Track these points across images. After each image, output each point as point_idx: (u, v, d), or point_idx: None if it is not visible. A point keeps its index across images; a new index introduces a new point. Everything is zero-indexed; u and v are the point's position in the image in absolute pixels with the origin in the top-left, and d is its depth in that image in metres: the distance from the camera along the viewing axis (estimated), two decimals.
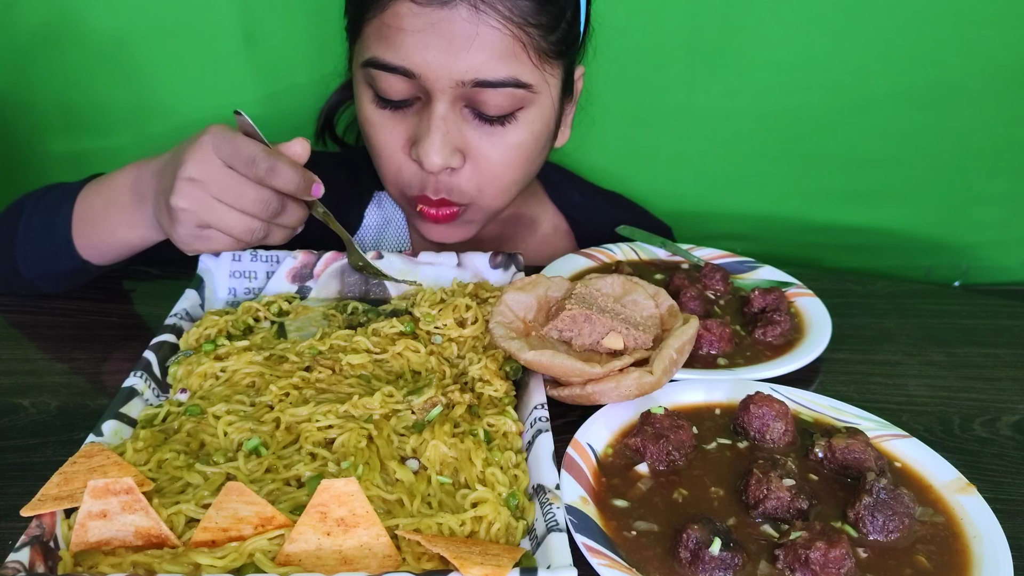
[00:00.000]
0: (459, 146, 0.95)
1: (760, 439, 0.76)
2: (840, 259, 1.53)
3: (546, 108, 0.98)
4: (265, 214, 0.82)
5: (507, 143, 0.96)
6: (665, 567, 0.62)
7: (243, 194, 0.80)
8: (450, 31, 0.88)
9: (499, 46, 0.89)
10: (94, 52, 1.31)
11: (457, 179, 0.97)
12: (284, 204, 0.83)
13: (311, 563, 0.57)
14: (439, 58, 0.89)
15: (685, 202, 1.36)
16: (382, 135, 0.97)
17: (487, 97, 0.92)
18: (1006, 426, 0.84)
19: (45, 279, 0.96)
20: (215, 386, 0.78)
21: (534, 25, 0.90)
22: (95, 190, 0.92)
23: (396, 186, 1.01)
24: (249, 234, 0.82)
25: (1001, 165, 1.46)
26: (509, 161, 0.98)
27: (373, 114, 0.97)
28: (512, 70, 0.91)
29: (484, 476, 0.68)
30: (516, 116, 0.95)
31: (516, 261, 0.99)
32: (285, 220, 0.84)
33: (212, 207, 0.80)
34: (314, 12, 1.32)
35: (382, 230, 1.18)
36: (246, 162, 0.79)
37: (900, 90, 1.38)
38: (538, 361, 0.76)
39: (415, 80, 0.91)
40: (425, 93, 0.92)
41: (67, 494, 0.59)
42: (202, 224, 0.81)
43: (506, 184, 1.01)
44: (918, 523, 0.67)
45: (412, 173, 0.98)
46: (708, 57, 1.35)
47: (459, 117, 0.94)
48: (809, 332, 0.94)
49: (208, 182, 0.80)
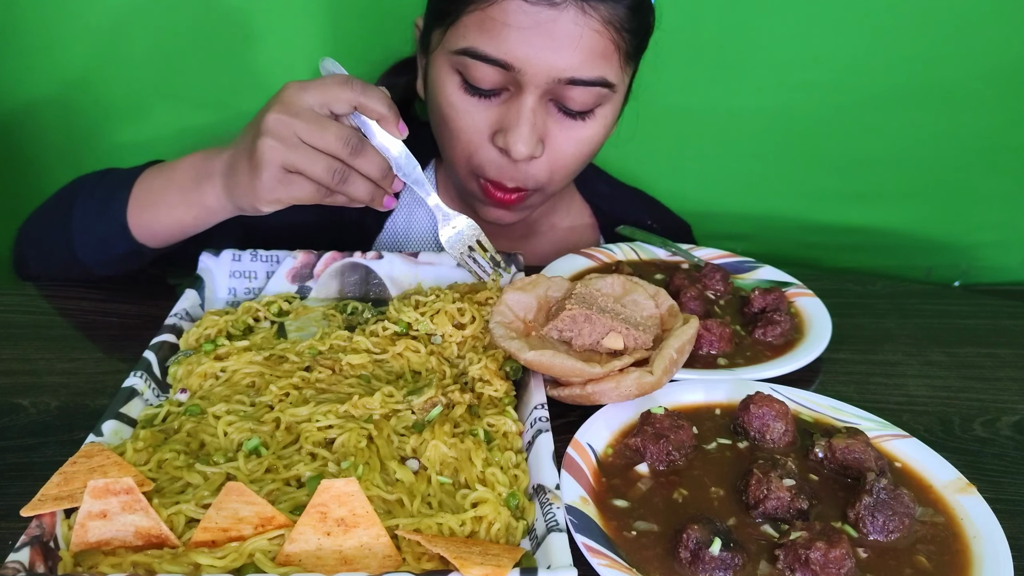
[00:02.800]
0: (542, 136, 0.98)
1: (760, 439, 0.76)
2: (840, 259, 1.53)
3: (618, 105, 1.03)
4: (345, 152, 0.82)
5: (582, 136, 1.00)
6: (665, 567, 0.62)
7: (325, 129, 0.81)
8: (555, 31, 0.91)
9: (598, 48, 0.93)
10: (94, 52, 1.31)
11: (533, 167, 1.01)
12: (364, 145, 0.84)
13: (311, 563, 0.57)
14: (540, 55, 0.92)
15: (685, 202, 1.36)
16: (465, 119, 0.99)
17: (575, 94, 0.95)
18: (1006, 426, 0.84)
19: (101, 264, 0.97)
20: (215, 386, 0.78)
21: (628, 30, 0.95)
22: (155, 173, 0.94)
23: (467, 167, 1.04)
24: (330, 175, 0.82)
25: (1001, 165, 1.46)
26: (580, 153, 1.02)
27: (460, 100, 0.99)
28: (603, 71, 0.95)
29: (484, 476, 0.68)
30: (595, 112, 0.99)
31: (516, 261, 0.99)
32: (364, 166, 0.84)
33: (297, 146, 0.81)
34: (314, 12, 1.32)
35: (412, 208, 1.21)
36: (334, 98, 0.82)
37: (900, 90, 1.38)
38: (538, 361, 0.76)
39: (510, 73, 0.94)
40: (516, 85, 0.95)
41: (67, 494, 0.59)
42: (287, 165, 0.82)
43: (571, 172, 1.06)
44: (918, 523, 0.67)
45: (490, 159, 1.01)
46: (708, 57, 1.35)
47: (544, 110, 0.97)
48: (809, 332, 0.94)
49: (293, 121, 0.81)
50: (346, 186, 0.84)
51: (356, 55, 1.36)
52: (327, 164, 0.82)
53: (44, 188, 1.09)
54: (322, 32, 1.34)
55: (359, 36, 1.34)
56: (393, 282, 0.99)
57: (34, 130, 1.37)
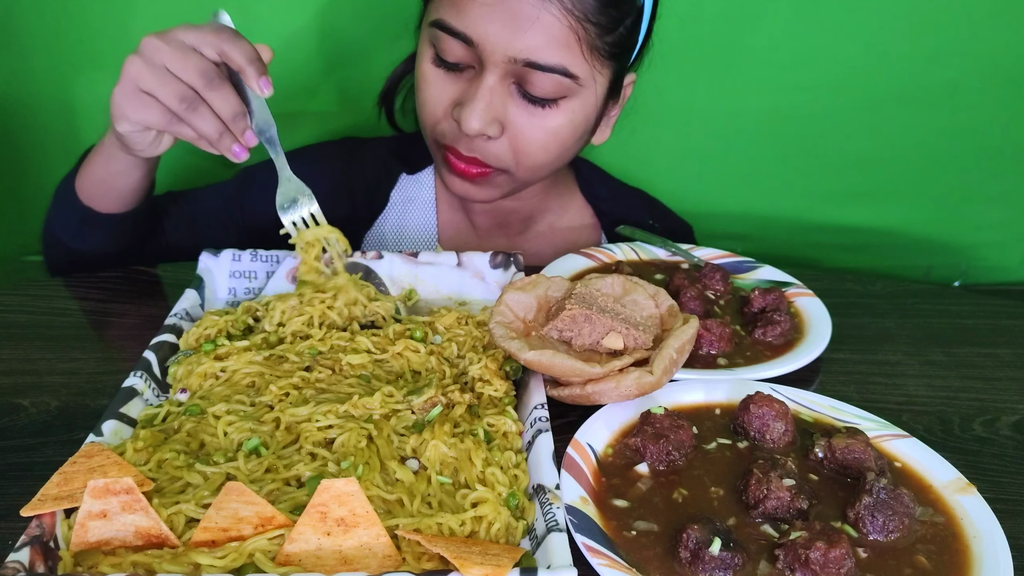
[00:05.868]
0: (499, 117, 0.99)
1: (760, 439, 0.76)
2: (840, 259, 1.53)
3: (588, 102, 1.02)
4: (201, 83, 0.83)
5: (545, 125, 1.01)
6: (665, 567, 0.62)
7: (187, 57, 0.83)
8: (515, 10, 0.93)
9: (556, 34, 0.94)
10: (94, 52, 1.31)
11: (493, 147, 1.02)
12: (223, 83, 0.85)
13: (311, 563, 0.57)
14: (499, 33, 0.94)
15: (685, 202, 1.36)
16: (431, 89, 1.03)
17: (535, 79, 0.97)
18: (1006, 426, 0.84)
19: (70, 236, 1.04)
20: (215, 386, 0.78)
21: (592, 23, 0.95)
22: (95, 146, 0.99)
23: (432, 136, 1.07)
24: (179, 100, 0.83)
25: (1001, 165, 1.46)
26: (544, 142, 1.03)
27: (429, 71, 1.02)
28: (563, 59, 0.96)
29: (484, 476, 0.68)
30: (559, 103, 1.00)
31: (516, 261, 0.99)
32: (217, 101, 0.85)
33: (156, 68, 0.83)
34: (314, 12, 1.32)
35: (405, 207, 1.23)
36: (203, 40, 0.83)
37: (900, 90, 1.38)
38: (538, 361, 0.76)
39: (473, 49, 0.96)
40: (479, 63, 0.97)
41: (67, 494, 0.59)
42: (142, 84, 0.84)
43: (538, 163, 1.06)
44: (918, 523, 0.67)
45: (449, 127, 1.03)
46: (708, 57, 1.35)
47: (505, 91, 0.99)
48: (809, 332, 0.94)
49: (161, 46, 0.83)
50: (194, 115, 0.84)
51: (356, 55, 1.36)
52: (179, 90, 0.83)
53: (44, 188, 1.09)
54: (323, 33, 1.34)
55: (345, 40, 1.34)
56: (393, 282, 0.99)
57: (34, 130, 1.38)
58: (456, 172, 1.06)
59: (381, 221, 1.22)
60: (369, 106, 1.24)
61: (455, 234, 1.24)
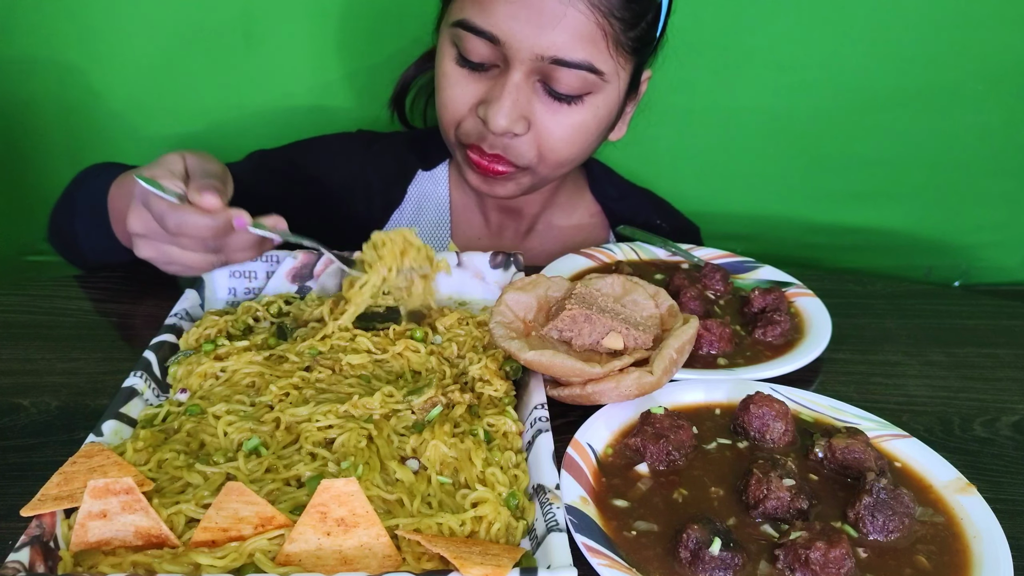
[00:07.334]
0: (525, 114, 1.00)
1: (760, 439, 0.76)
2: (840, 259, 1.54)
3: (612, 98, 1.03)
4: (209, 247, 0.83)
5: (570, 122, 1.02)
6: (665, 567, 0.62)
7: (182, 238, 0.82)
8: (541, 7, 0.93)
9: (582, 30, 0.95)
10: (94, 52, 1.31)
11: (517, 144, 1.02)
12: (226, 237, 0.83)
13: (311, 563, 0.57)
14: (525, 30, 0.94)
15: (685, 202, 1.36)
16: (454, 89, 1.02)
17: (561, 75, 0.97)
18: (1006, 426, 0.84)
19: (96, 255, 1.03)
20: (215, 386, 0.78)
21: (617, 18, 0.96)
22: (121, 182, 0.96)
23: (454, 136, 1.07)
24: (208, 264, 0.85)
25: (1001, 165, 1.46)
26: (568, 138, 1.03)
27: (452, 71, 1.02)
28: (589, 55, 0.96)
29: (484, 476, 0.68)
30: (584, 99, 1.00)
31: (516, 261, 0.99)
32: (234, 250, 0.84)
33: (166, 250, 0.83)
34: (314, 12, 1.32)
35: (420, 204, 1.24)
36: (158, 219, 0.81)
37: (901, 90, 1.38)
38: (538, 361, 0.76)
39: (498, 47, 0.96)
40: (504, 61, 0.98)
41: (67, 494, 0.59)
42: (165, 262, 0.84)
43: (561, 159, 1.06)
44: (918, 523, 0.67)
45: (473, 127, 1.03)
46: (709, 57, 1.35)
47: (531, 89, 0.99)
48: (809, 332, 0.94)
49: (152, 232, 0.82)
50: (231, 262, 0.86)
51: (357, 56, 1.36)
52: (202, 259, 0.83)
53: (44, 188, 1.09)
54: (323, 32, 1.34)
55: (360, 37, 1.34)
56: None
57: (34, 129, 1.38)
58: (479, 169, 1.06)
59: (397, 217, 1.22)
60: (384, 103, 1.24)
61: (468, 231, 1.24)
